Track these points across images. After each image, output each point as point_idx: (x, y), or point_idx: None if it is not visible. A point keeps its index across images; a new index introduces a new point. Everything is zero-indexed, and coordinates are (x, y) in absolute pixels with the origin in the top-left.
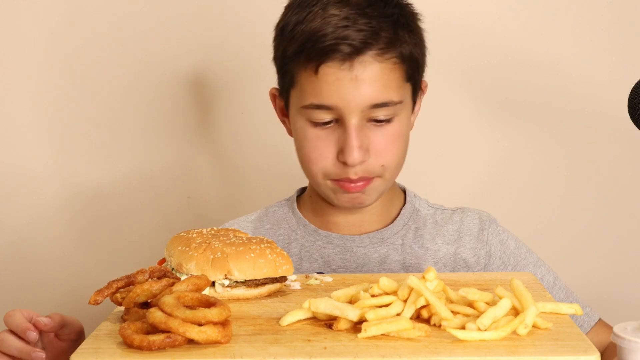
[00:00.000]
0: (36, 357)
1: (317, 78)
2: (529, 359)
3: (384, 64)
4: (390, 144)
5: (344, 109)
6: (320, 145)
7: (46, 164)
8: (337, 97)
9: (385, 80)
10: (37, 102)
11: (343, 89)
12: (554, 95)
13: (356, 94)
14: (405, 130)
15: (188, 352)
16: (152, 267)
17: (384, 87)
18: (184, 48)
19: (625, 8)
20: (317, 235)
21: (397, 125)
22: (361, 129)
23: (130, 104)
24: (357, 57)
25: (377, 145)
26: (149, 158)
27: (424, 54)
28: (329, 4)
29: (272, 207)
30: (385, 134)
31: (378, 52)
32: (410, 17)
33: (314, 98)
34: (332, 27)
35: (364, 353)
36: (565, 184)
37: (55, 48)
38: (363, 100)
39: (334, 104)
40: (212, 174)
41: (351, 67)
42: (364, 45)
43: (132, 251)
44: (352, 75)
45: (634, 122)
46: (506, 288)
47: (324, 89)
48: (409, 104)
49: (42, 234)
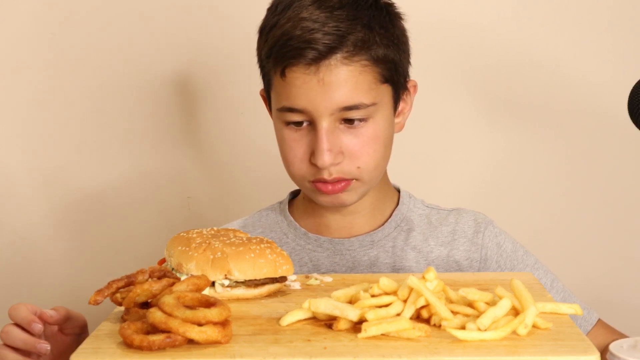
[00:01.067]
0: (41, 349)
1: (285, 81)
2: (529, 359)
3: (352, 67)
4: (364, 145)
5: (313, 112)
6: (295, 146)
7: (46, 163)
8: (306, 100)
9: (355, 83)
10: (37, 102)
11: (311, 92)
12: (554, 95)
13: (324, 97)
14: (383, 132)
15: (188, 352)
16: (152, 267)
17: (354, 90)
18: (185, 48)
19: (625, 8)
20: (307, 239)
21: (371, 127)
22: (332, 132)
23: (131, 104)
24: (323, 61)
25: (350, 147)
26: (149, 158)
27: (404, 54)
28: (303, 7)
29: (265, 210)
30: (358, 135)
31: (345, 55)
32: (387, 17)
33: (285, 101)
34: (300, 30)
35: (364, 353)
36: (565, 185)
37: (54, 48)
38: (332, 103)
39: (303, 107)
40: (212, 174)
41: (317, 71)
42: (329, 49)
43: (132, 251)
44: (318, 79)
45: (634, 122)
46: (506, 288)
47: (292, 93)
48: (387, 105)
49: (42, 234)
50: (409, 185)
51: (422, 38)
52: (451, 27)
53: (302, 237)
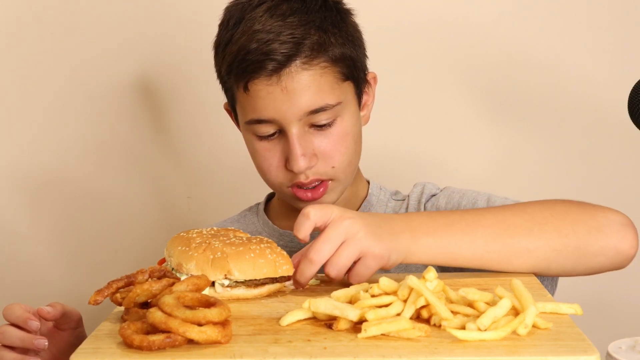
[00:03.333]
0: (38, 344)
1: (249, 95)
2: (529, 359)
3: (312, 71)
4: (336, 145)
5: (281, 120)
6: (268, 156)
7: (46, 163)
8: (272, 110)
9: (317, 86)
10: (37, 102)
11: (276, 102)
12: (554, 95)
13: (290, 104)
14: (352, 128)
15: (188, 352)
16: (152, 267)
17: (317, 93)
18: (185, 47)
19: (625, 8)
20: (279, 236)
21: (340, 126)
22: (303, 136)
23: (131, 104)
24: (284, 70)
25: (323, 149)
26: (149, 158)
27: (360, 49)
28: (255, 19)
29: (244, 211)
30: (328, 136)
31: (304, 60)
32: (338, 16)
33: (252, 114)
34: (257, 42)
35: (364, 353)
36: (565, 184)
37: (55, 47)
38: (298, 109)
39: (270, 117)
40: (213, 174)
41: (279, 80)
42: (287, 58)
43: (132, 251)
44: (281, 88)
45: (634, 122)
46: (506, 288)
47: (258, 105)
48: (351, 101)
49: (42, 233)
50: (409, 185)
51: (422, 38)
52: (452, 27)
53: (274, 234)
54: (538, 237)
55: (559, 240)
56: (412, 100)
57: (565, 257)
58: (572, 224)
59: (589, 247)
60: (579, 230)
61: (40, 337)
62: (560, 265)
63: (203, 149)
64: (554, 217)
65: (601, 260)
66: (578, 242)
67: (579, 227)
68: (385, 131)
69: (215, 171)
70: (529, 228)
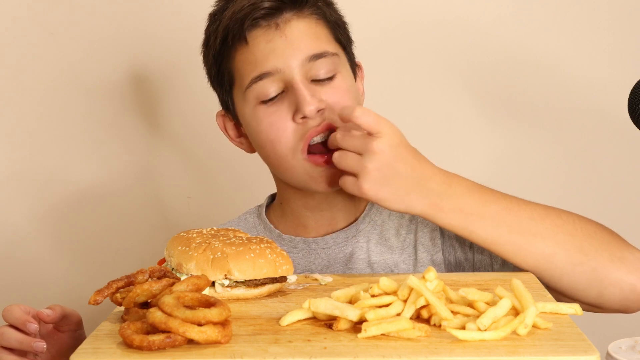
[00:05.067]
0: (37, 347)
1: (249, 49)
2: (529, 359)
3: (306, 20)
4: (343, 96)
5: (284, 68)
6: (274, 119)
7: (46, 162)
8: (274, 58)
9: (314, 33)
10: (37, 102)
11: (277, 48)
12: (554, 95)
13: (291, 50)
14: (353, 88)
15: (188, 352)
16: (152, 267)
17: (316, 39)
18: (185, 46)
19: (625, 8)
20: (281, 241)
21: (341, 80)
22: (309, 85)
23: (131, 103)
24: (279, 17)
25: (329, 98)
26: (149, 158)
27: (344, 24)
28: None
29: (244, 214)
30: (334, 87)
31: (295, 12)
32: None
33: (254, 70)
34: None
35: (364, 353)
36: (565, 184)
37: (54, 47)
38: (300, 53)
39: (273, 66)
40: (212, 174)
41: (277, 27)
42: (279, 3)
43: (132, 251)
44: (280, 34)
45: (634, 122)
46: (506, 288)
47: (259, 56)
48: (346, 64)
49: (42, 234)
50: None
51: (422, 38)
52: (452, 27)
53: (276, 239)
54: (559, 245)
55: (578, 256)
56: (411, 100)
57: (579, 274)
58: (597, 246)
59: (606, 274)
60: (602, 254)
61: (38, 339)
62: (573, 281)
63: (203, 148)
64: (584, 232)
65: (615, 292)
66: (597, 264)
67: (603, 252)
68: None
69: (215, 171)
70: (555, 233)
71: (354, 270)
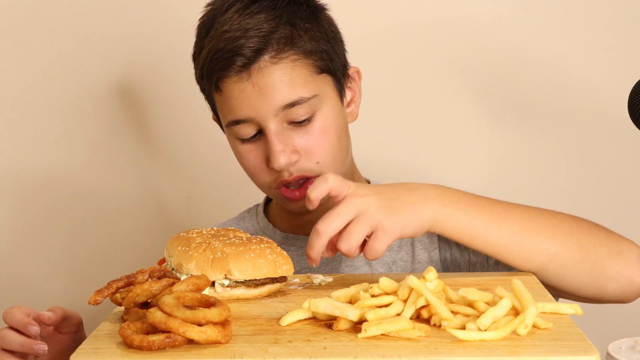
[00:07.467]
0: (38, 350)
1: (223, 96)
2: (529, 359)
3: (282, 64)
4: (318, 140)
5: (257, 118)
6: (251, 158)
7: (46, 162)
8: (247, 108)
9: (289, 80)
10: (37, 102)
11: (249, 99)
12: (554, 95)
13: (263, 101)
14: (334, 123)
15: (188, 352)
16: (152, 267)
17: (290, 87)
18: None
19: (625, 8)
20: (280, 239)
21: (320, 120)
22: (282, 133)
23: (131, 103)
24: (253, 66)
25: (304, 145)
26: (149, 158)
27: (336, 43)
28: (224, 22)
29: (243, 213)
30: (308, 132)
31: (272, 54)
32: (308, 11)
33: (229, 115)
34: (224, 42)
35: (364, 353)
36: (565, 184)
37: (54, 47)
38: (272, 105)
39: (246, 116)
40: (213, 174)
41: (249, 77)
42: (255, 52)
43: (132, 251)
44: (252, 84)
45: (634, 122)
46: (506, 288)
47: (233, 104)
48: (330, 95)
49: (42, 233)
50: None
51: (422, 38)
52: (452, 27)
53: (274, 237)
54: (561, 243)
55: (579, 253)
56: (411, 100)
57: (580, 270)
58: (595, 242)
59: (605, 268)
60: (600, 249)
61: (40, 342)
62: (575, 278)
63: (203, 148)
64: (580, 230)
65: (614, 286)
66: (597, 260)
67: (601, 247)
68: (385, 132)
69: (215, 171)
70: (554, 232)
71: (352, 267)
